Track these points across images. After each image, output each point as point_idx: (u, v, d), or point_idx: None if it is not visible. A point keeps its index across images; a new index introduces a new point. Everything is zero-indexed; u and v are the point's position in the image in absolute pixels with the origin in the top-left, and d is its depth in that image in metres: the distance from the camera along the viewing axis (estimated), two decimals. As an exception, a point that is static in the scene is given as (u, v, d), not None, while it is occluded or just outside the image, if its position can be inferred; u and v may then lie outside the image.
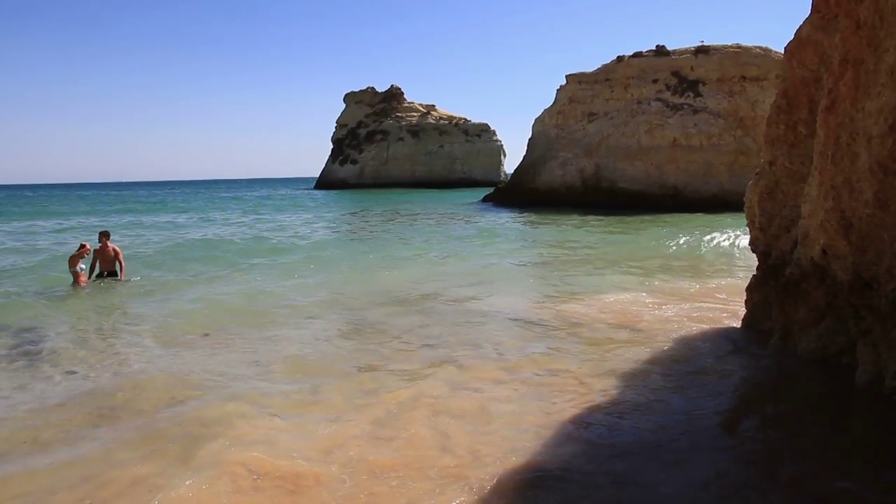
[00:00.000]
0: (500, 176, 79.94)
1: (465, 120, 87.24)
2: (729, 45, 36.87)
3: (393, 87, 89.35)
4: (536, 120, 43.33)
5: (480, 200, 44.50)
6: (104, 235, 12.82)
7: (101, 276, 12.50)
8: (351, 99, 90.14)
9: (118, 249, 13.07)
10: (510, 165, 70.83)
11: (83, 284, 11.91)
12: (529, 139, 43.85)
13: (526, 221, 28.89)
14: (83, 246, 12.31)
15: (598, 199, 35.46)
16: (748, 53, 35.70)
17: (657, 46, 39.24)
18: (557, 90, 42.33)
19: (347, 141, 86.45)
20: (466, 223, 28.18)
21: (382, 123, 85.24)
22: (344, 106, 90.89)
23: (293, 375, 6.65)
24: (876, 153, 4.75)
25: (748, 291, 7.59)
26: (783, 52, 7.02)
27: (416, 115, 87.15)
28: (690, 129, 34.54)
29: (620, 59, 39.68)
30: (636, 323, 8.36)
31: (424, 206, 42.94)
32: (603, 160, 37.28)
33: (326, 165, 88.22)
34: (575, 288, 11.26)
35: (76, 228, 28.97)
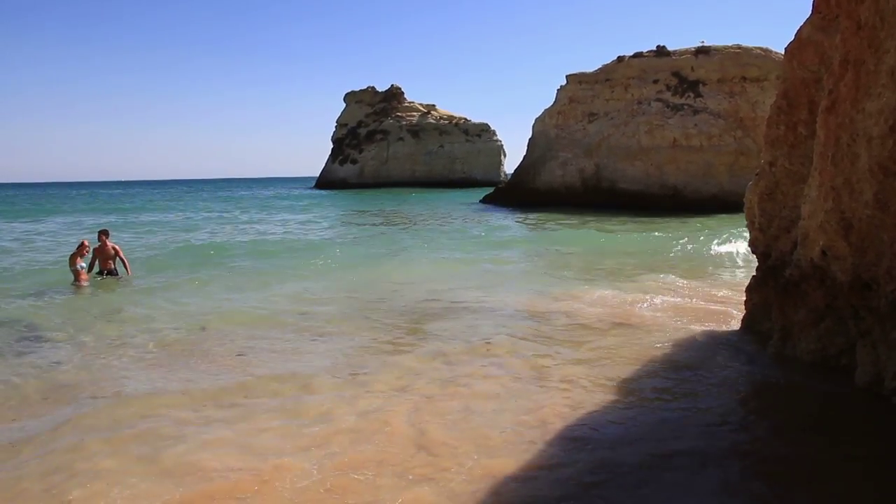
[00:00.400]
0: (500, 176, 79.90)
1: (465, 120, 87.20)
2: (729, 45, 36.86)
3: (393, 86, 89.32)
4: (536, 120, 43.31)
5: (480, 200, 44.49)
6: (103, 234, 12.83)
7: (100, 273, 12.50)
8: (351, 98, 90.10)
9: (118, 247, 13.07)
10: (510, 165, 70.82)
11: (83, 282, 11.92)
12: (529, 139, 43.83)
13: (525, 221, 28.87)
14: (83, 244, 12.32)
15: (598, 199, 35.46)
16: (749, 54, 35.69)
17: (657, 47, 39.23)
18: (558, 90, 42.32)
19: (347, 140, 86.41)
20: (465, 223, 28.16)
21: (382, 123, 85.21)
22: (344, 105, 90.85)
23: (283, 369, 6.78)
24: (876, 154, 4.75)
25: (748, 292, 7.59)
26: (783, 52, 7.02)
27: (416, 114, 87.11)
28: (691, 129, 34.53)
29: (621, 59, 39.67)
30: (632, 322, 8.37)
31: (424, 206, 42.94)
32: (603, 160, 37.27)
33: (326, 165, 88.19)
34: (572, 287, 11.26)
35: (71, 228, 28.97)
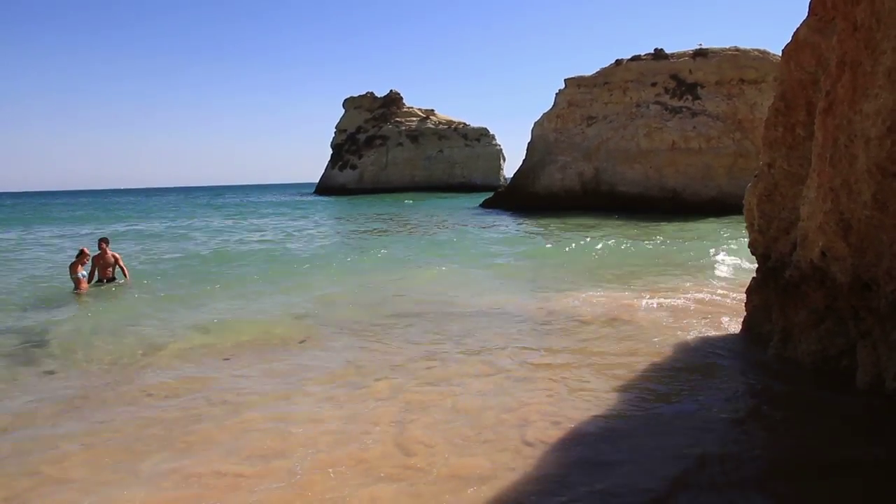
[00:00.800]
0: (499, 180, 79.91)
1: (464, 124, 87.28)
2: (727, 48, 36.92)
3: (392, 91, 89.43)
4: (535, 124, 43.35)
5: (479, 205, 44.50)
6: (104, 241, 12.83)
7: (100, 282, 12.50)
8: (350, 104, 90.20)
9: (118, 256, 13.08)
10: (509, 170, 70.88)
11: (83, 291, 11.91)
12: (528, 143, 43.86)
13: (525, 225, 28.87)
14: (83, 252, 12.31)
15: (597, 202, 35.48)
16: (746, 56, 35.75)
17: (655, 50, 39.30)
18: (556, 94, 42.36)
19: (347, 146, 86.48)
20: (465, 228, 28.16)
21: (382, 128, 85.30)
22: (343, 111, 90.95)
23: (275, 370, 6.93)
24: (874, 155, 4.76)
25: (748, 294, 7.58)
26: (781, 54, 7.03)
27: (415, 119, 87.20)
28: (689, 132, 34.57)
29: (619, 62, 39.74)
30: (629, 324, 8.39)
31: (423, 211, 42.92)
32: (602, 164, 37.30)
33: (326, 171, 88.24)
34: (569, 290, 11.27)
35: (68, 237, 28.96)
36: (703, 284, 11.53)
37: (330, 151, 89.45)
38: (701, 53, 37.17)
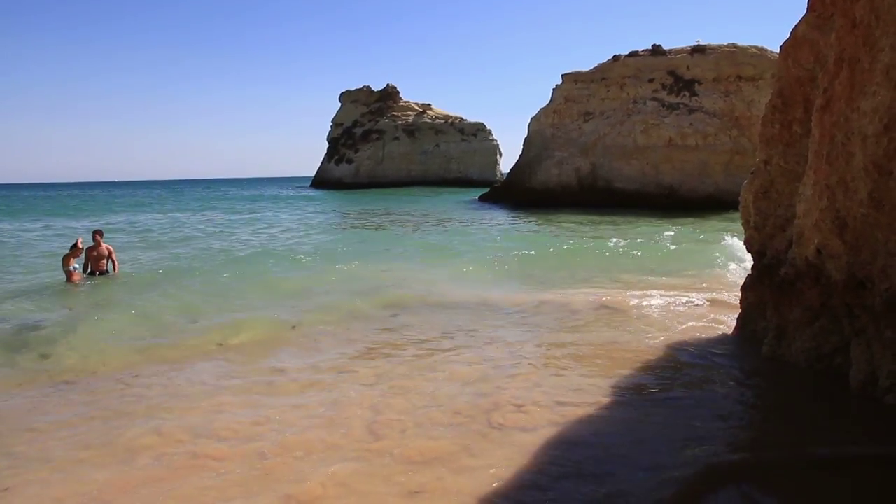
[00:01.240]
0: (496, 175, 79.83)
1: (460, 119, 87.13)
2: (725, 44, 36.91)
3: (389, 86, 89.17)
4: (532, 119, 43.30)
5: (476, 200, 44.43)
6: (98, 234, 12.73)
7: (92, 274, 12.41)
8: (347, 98, 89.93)
9: (111, 248, 12.99)
10: (506, 165, 70.82)
11: (76, 283, 11.83)
12: (525, 138, 43.82)
13: (520, 221, 28.86)
14: (77, 245, 12.19)
15: (594, 198, 35.47)
16: (744, 53, 35.75)
17: (653, 46, 39.26)
18: (553, 89, 42.31)
19: (343, 140, 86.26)
20: (459, 223, 28.14)
21: (378, 122, 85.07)
22: (339, 105, 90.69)
23: (261, 355, 7.12)
24: (871, 152, 4.74)
25: (743, 291, 7.57)
26: (779, 51, 7.01)
27: (411, 114, 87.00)
28: (686, 128, 34.57)
29: (616, 58, 39.69)
30: (618, 318, 8.42)
31: (419, 205, 42.86)
32: (599, 159, 37.29)
33: (322, 164, 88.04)
34: (561, 285, 11.34)
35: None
36: (696, 281, 11.52)
37: (326, 145, 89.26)
38: (699, 50, 37.15)
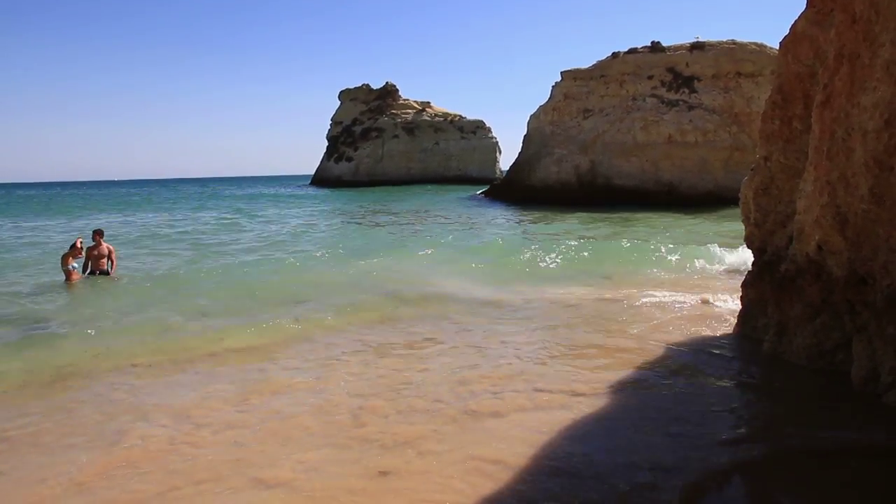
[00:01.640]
0: (495, 173, 79.76)
1: (460, 117, 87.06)
2: (724, 41, 36.86)
3: (388, 84, 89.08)
4: (532, 117, 43.25)
5: (475, 197, 44.39)
6: (98, 233, 12.69)
7: (92, 273, 12.39)
8: (346, 96, 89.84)
9: (112, 248, 12.97)
10: (505, 162, 70.80)
11: (75, 282, 11.81)
12: (525, 136, 43.78)
13: (519, 218, 28.87)
14: (76, 244, 12.15)
15: (593, 195, 35.42)
16: (743, 49, 35.70)
17: (652, 42, 39.20)
18: (552, 87, 42.26)
19: (342, 138, 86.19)
20: (459, 220, 28.13)
21: (377, 121, 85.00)
22: (339, 103, 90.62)
23: (252, 347, 7.31)
24: (871, 148, 4.73)
25: (743, 288, 7.56)
26: (778, 47, 6.99)
27: (411, 112, 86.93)
28: (686, 125, 34.55)
29: (615, 55, 39.64)
30: (617, 314, 8.43)
31: (419, 203, 42.83)
32: (598, 157, 37.25)
33: (322, 163, 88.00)
34: (558, 281, 11.34)
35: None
36: (696, 278, 11.51)
37: (325, 143, 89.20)
38: (698, 46, 37.10)
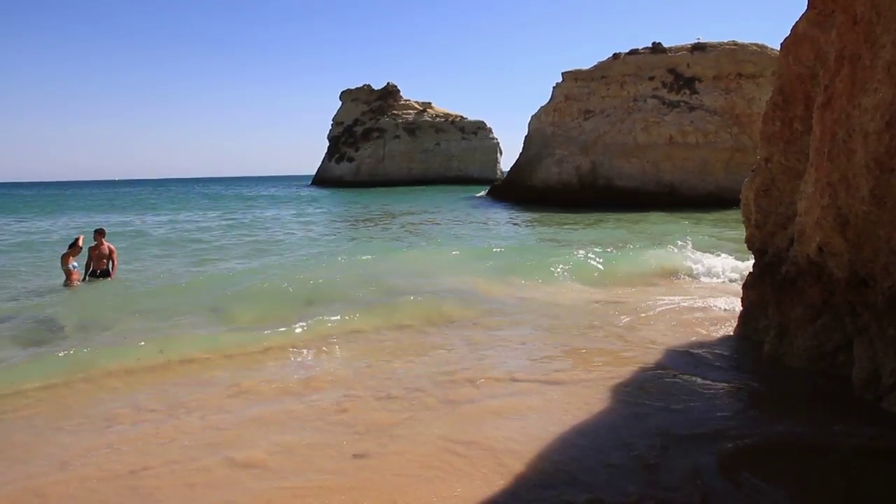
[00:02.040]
0: (496, 173, 79.81)
1: (461, 117, 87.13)
2: (725, 42, 36.87)
3: (389, 84, 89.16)
4: (533, 117, 43.27)
5: (476, 198, 44.38)
6: (99, 233, 12.63)
7: (93, 274, 12.35)
8: (347, 96, 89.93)
9: (113, 248, 12.92)
10: (506, 163, 70.83)
11: (76, 283, 11.78)
12: (526, 137, 43.80)
13: (519, 219, 28.89)
14: (77, 243, 12.06)
15: (594, 196, 35.42)
16: (744, 50, 35.71)
17: (653, 44, 39.22)
18: (554, 87, 42.29)
19: (344, 138, 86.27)
20: (460, 220, 28.19)
21: (379, 121, 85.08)
22: (340, 103, 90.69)
23: (246, 339, 7.46)
24: (872, 149, 4.72)
25: (744, 289, 7.55)
26: (779, 48, 6.99)
27: (412, 112, 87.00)
28: (687, 126, 34.55)
29: (617, 56, 39.65)
30: (615, 314, 8.46)
31: (420, 203, 42.84)
32: (599, 158, 37.25)
33: (323, 163, 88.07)
34: (559, 281, 11.36)
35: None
36: (696, 279, 11.49)
37: (327, 143, 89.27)
38: (699, 48, 37.11)
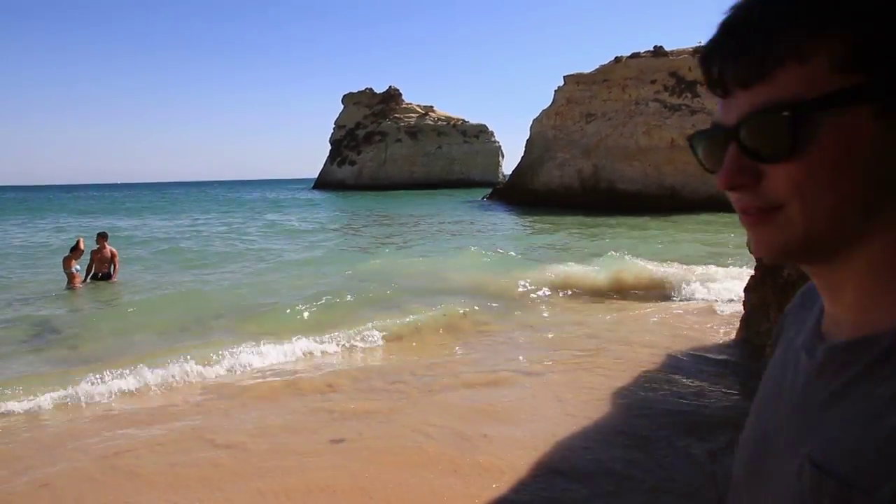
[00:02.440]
0: (498, 177, 79.84)
1: (463, 121, 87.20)
2: (727, 45, 36.87)
3: (391, 88, 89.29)
4: (534, 121, 43.31)
5: (478, 201, 44.40)
6: (102, 237, 12.62)
7: (95, 277, 12.35)
8: (349, 100, 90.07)
9: (115, 252, 12.90)
10: (508, 166, 70.84)
11: (78, 286, 11.76)
12: (527, 140, 43.83)
13: (521, 222, 28.92)
14: (78, 246, 12.02)
15: (596, 199, 35.40)
16: (746, 54, 35.71)
17: (655, 47, 39.25)
18: (555, 91, 42.31)
19: (345, 142, 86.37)
20: (462, 223, 28.21)
21: (381, 125, 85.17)
22: (342, 107, 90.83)
23: (250, 332, 7.74)
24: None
25: (746, 292, 7.55)
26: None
27: (414, 116, 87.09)
28: (688, 129, 34.52)
29: (618, 59, 39.68)
30: (614, 315, 8.47)
31: (422, 206, 42.85)
32: (601, 161, 37.26)
33: (325, 167, 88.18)
34: (558, 280, 11.33)
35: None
36: (698, 281, 11.44)
37: (328, 147, 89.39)
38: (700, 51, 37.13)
